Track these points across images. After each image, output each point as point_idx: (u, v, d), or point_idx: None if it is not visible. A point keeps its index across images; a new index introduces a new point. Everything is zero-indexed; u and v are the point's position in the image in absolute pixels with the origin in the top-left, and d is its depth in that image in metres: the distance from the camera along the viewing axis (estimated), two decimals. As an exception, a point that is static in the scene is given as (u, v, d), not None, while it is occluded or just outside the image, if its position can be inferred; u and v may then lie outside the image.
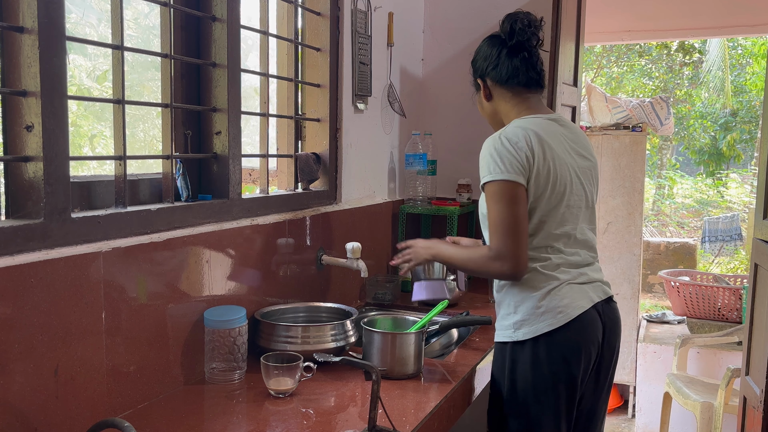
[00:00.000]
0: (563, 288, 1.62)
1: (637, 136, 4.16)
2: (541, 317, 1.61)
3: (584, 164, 1.72)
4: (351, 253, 2.10)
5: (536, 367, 1.61)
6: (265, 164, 2.04)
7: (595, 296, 1.67)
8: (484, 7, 2.85)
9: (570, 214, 1.66)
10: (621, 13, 4.27)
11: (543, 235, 1.64)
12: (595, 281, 1.70)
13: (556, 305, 1.61)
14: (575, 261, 1.67)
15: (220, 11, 1.74)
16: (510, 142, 1.59)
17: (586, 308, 1.63)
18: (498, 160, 1.58)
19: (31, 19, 1.23)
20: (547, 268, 1.63)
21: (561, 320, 1.60)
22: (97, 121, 4.15)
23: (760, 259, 2.21)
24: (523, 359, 1.63)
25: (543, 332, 1.60)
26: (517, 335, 1.63)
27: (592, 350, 1.65)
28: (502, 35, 1.72)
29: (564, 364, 1.61)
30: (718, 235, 7.28)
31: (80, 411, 1.31)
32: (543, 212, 1.62)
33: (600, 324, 1.67)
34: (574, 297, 1.63)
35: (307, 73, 2.27)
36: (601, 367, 1.71)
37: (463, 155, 2.87)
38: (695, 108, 11.34)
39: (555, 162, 1.62)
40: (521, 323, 1.63)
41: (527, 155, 1.58)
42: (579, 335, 1.62)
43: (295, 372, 1.54)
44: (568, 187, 1.64)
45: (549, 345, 1.60)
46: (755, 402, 2.11)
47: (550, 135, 1.65)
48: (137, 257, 1.43)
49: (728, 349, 3.53)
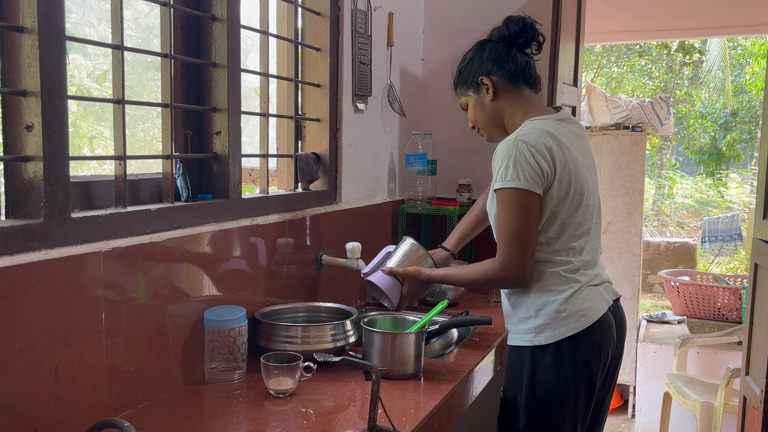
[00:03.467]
0: (584, 291, 1.62)
1: (637, 136, 4.16)
2: (565, 321, 1.60)
3: (590, 162, 1.72)
4: (351, 253, 2.11)
5: (559, 371, 1.60)
6: (265, 164, 2.04)
7: (609, 297, 1.69)
8: (484, 7, 2.85)
9: (588, 214, 1.66)
10: (621, 13, 4.28)
11: (565, 238, 1.62)
12: (605, 282, 1.71)
13: (578, 309, 1.60)
14: (589, 260, 1.67)
15: (220, 11, 1.74)
16: (528, 146, 1.54)
17: (605, 310, 1.64)
18: (514, 167, 1.54)
19: (31, 19, 1.23)
20: (569, 272, 1.62)
21: (584, 323, 1.60)
22: (97, 122, 4.15)
23: (760, 259, 2.21)
24: (544, 363, 1.61)
25: (566, 336, 1.59)
26: (539, 339, 1.62)
27: (609, 352, 1.66)
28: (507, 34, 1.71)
29: (586, 368, 1.61)
30: (718, 235, 7.28)
31: (80, 411, 1.31)
32: (565, 216, 1.61)
33: (614, 325, 1.68)
34: (594, 300, 1.63)
35: (307, 73, 2.27)
36: (610, 368, 1.72)
37: (463, 155, 2.87)
38: (695, 108, 11.34)
39: (574, 164, 1.61)
40: (543, 327, 1.61)
41: (548, 162, 1.55)
42: (600, 338, 1.62)
43: (295, 372, 1.54)
44: (586, 187, 1.64)
45: (572, 349, 1.60)
46: (755, 402, 2.11)
47: (564, 136, 1.63)
48: (137, 257, 1.43)
49: (728, 349, 3.53)
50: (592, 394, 1.65)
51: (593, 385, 1.64)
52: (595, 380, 1.63)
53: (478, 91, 1.74)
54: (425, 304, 2.39)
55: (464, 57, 1.79)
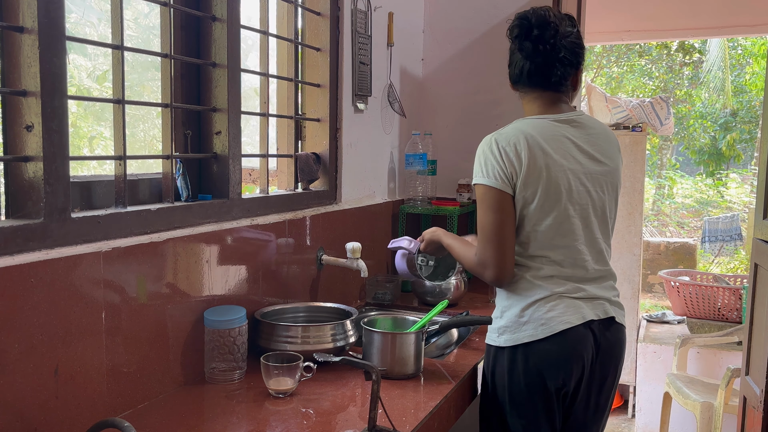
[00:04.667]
0: (552, 300, 1.57)
1: (637, 136, 4.16)
2: (523, 327, 1.58)
3: (596, 169, 1.61)
4: (351, 253, 2.11)
5: (512, 375, 1.60)
6: (265, 164, 2.04)
7: (591, 314, 1.59)
8: (484, 7, 2.85)
9: (571, 224, 1.58)
10: (621, 13, 4.28)
11: (538, 244, 1.58)
12: (598, 299, 1.62)
13: (539, 316, 1.56)
14: (574, 274, 1.60)
15: (220, 11, 1.74)
16: (499, 145, 1.55)
17: (574, 324, 1.56)
18: (483, 164, 1.56)
19: (31, 19, 1.23)
20: (537, 278, 1.59)
21: (542, 332, 1.56)
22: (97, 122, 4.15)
23: (760, 259, 2.21)
24: (501, 365, 1.62)
25: (522, 342, 1.57)
26: (499, 341, 1.62)
27: (574, 368, 1.57)
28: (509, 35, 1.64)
29: (539, 377, 1.57)
30: (718, 235, 7.28)
31: (80, 411, 1.31)
32: (535, 220, 1.57)
33: (592, 343, 1.59)
34: (563, 311, 1.56)
35: (307, 73, 2.27)
36: (592, 388, 1.64)
37: (463, 155, 2.87)
38: (695, 108, 11.34)
39: (550, 168, 1.55)
40: (504, 329, 1.61)
41: (513, 162, 1.53)
42: (560, 350, 1.56)
43: (295, 372, 1.54)
44: (565, 194, 1.56)
45: (526, 355, 1.57)
46: (755, 402, 2.11)
47: (549, 138, 1.57)
48: (137, 257, 1.43)
49: (728, 349, 3.52)
50: (551, 404, 1.59)
51: (549, 396, 1.58)
52: (551, 391, 1.57)
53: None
54: (425, 304, 2.39)
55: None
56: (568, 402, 1.63)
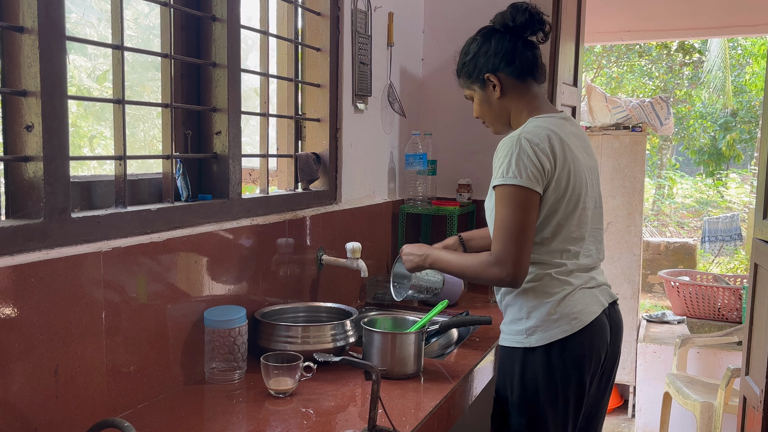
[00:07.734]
0: (576, 294, 1.61)
1: (637, 136, 4.16)
2: (555, 324, 1.59)
3: (591, 163, 1.70)
4: (351, 253, 2.11)
5: (548, 373, 1.59)
6: (265, 164, 2.04)
7: (605, 300, 1.67)
8: (484, 7, 2.83)
9: (585, 216, 1.64)
10: (621, 13, 4.28)
11: (560, 239, 1.60)
12: (602, 285, 1.69)
13: (570, 311, 1.59)
14: (586, 264, 1.65)
15: (220, 11, 1.74)
16: (532, 144, 1.52)
17: (599, 313, 1.62)
18: (515, 165, 1.52)
19: (31, 19, 1.23)
20: (562, 274, 1.61)
21: (575, 327, 1.58)
22: (97, 122, 4.15)
23: (760, 259, 2.21)
24: (534, 365, 1.60)
25: (556, 339, 1.58)
26: (530, 341, 1.60)
27: (601, 355, 1.65)
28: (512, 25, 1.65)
29: (576, 371, 1.60)
30: (718, 235, 7.28)
31: (80, 411, 1.31)
32: (562, 216, 1.59)
33: (608, 328, 1.66)
34: (587, 302, 1.61)
35: (307, 73, 2.27)
36: (605, 370, 1.71)
37: (463, 155, 2.87)
38: (695, 108, 11.35)
39: (574, 164, 1.59)
40: (534, 329, 1.60)
41: (549, 160, 1.54)
42: (591, 341, 1.61)
43: (295, 372, 1.54)
44: (584, 188, 1.62)
45: (562, 351, 1.59)
46: (755, 402, 2.11)
47: (567, 135, 1.61)
48: (137, 257, 1.43)
49: (728, 349, 3.53)
50: (583, 396, 1.63)
51: (583, 388, 1.62)
52: (585, 383, 1.62)
53: (484, 87, 1.70)
54: (425, 304, 2.39)
55: (467, 48, 1.72)
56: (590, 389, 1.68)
